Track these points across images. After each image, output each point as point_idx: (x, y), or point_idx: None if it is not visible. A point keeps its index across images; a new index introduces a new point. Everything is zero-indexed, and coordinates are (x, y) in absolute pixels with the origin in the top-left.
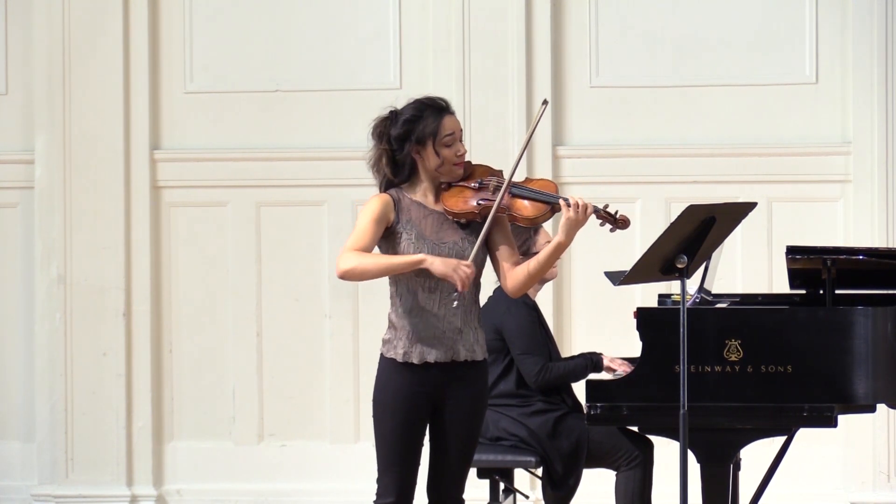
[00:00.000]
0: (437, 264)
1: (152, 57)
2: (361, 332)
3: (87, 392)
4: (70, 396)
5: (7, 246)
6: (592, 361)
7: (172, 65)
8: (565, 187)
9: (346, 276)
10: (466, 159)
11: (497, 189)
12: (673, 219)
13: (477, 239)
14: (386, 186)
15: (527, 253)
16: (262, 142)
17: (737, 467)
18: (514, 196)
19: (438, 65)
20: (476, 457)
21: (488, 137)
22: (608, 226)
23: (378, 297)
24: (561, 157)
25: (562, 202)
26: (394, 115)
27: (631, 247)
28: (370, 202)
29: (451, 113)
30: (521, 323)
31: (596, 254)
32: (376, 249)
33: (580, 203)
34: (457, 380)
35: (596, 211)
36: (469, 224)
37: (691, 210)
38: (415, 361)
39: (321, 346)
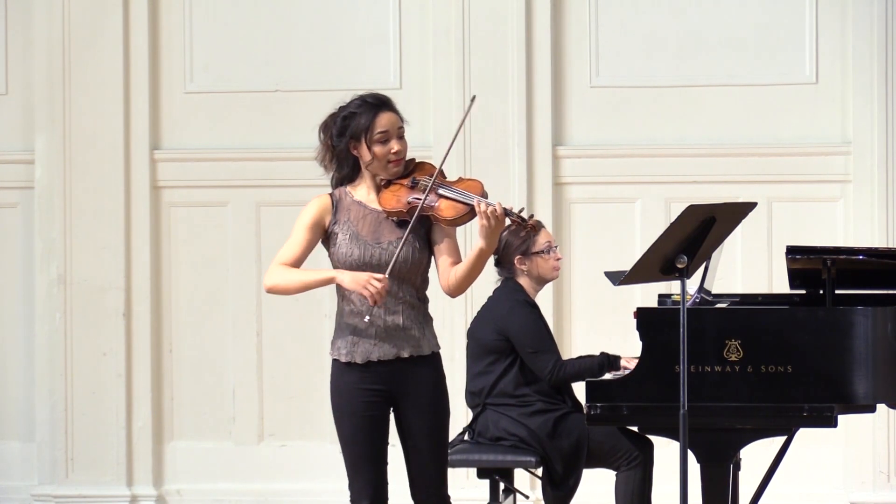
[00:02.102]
0: (346, 280)
1: (152, 57)
2: None
3: (87, 392)
4: (70, 396)
5: (7, 246)
6: (609, 360)
7: (172, 65)
8: (565, 187)
9: (271, 292)
10: (411, 156)
11: (425, 186)
12: (673, 219)
13: (421, 244)
14: (336, 183)
15: (526, 252)
16: (262, 142)
17: (737, 467)
18: (440, 196)
19: (438, 65)
20: (476, 457)
21: (488, 137)
22: (521, 231)
23: None
24: (561, 157)
25: (477, 207)
26: (337, 110)
27: (631, 247)
28: (306, 207)
29: (389, 110)
30: (525, 322)
31: (596, 254)
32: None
33: (489, 211)
34: (406, 376)
35: (508, 215)
36: (405, 223)
37: (691, 210)
38: (358, 361)
39: (321, 346)
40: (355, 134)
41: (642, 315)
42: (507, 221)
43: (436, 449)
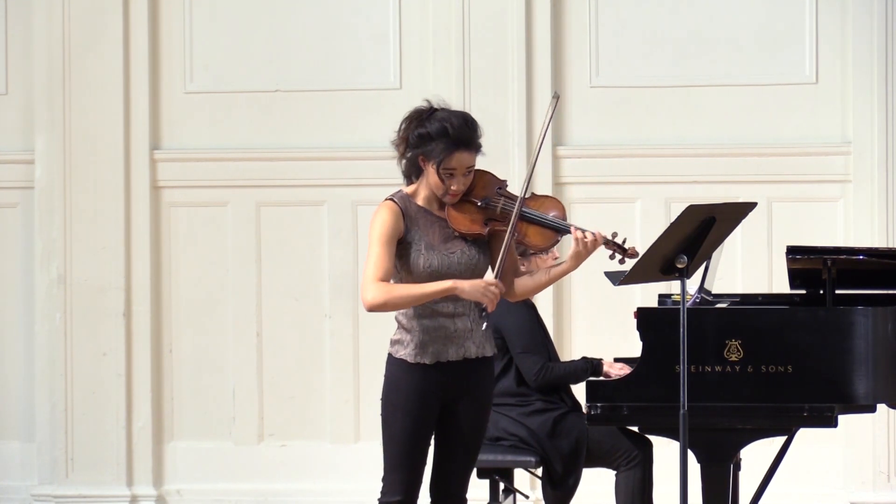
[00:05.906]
0: (467, 289)
1: (152, 57)
2: (361, 332)
3: (87, 392)
4: (70, 396)
5: (7, 246)
6: (592, 365)
7: (172, 65)
8: (565, 188)
9: (376, 309)
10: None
11: (504, 211)
12: (673, 219)
13: (483, 249)
14: (405, 172)
15: (524, 254)
16: (262, 142)
17: (737, 467)
18: (524, 220)
19: (438, 65)
20: None
21: (488, 138)
22: (618, 256)
23: None
24: (561, 157)
25: (573, 232)
26: (427, 115)
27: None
28: (378, 218)
29: (468, 149)
30: (520, 322)
31: (596, 254)
32: None
33: (588, 239)
34: (467, 377)
35: (605, 242)
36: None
37: (691, 210)
38: (427, 362)
39: (321, 346)
40: (426, 154)
41: (642, 315)
42: (603, 248)
43: (472, 452)
